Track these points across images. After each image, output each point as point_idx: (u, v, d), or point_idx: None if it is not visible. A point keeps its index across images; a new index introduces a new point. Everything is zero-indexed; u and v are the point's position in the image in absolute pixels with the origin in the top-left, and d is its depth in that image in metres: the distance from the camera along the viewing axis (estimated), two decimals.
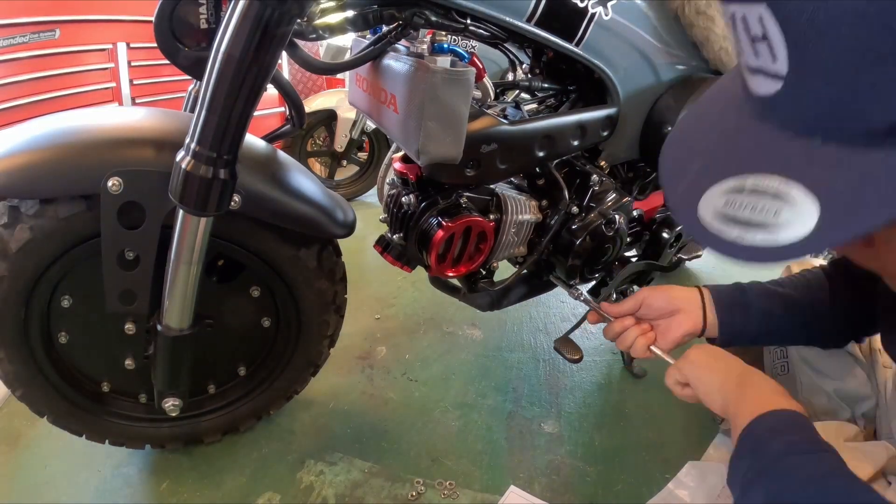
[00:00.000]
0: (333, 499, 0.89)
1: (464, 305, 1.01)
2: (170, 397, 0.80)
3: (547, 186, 0.89)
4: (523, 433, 1.06)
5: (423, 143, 0.68)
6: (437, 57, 0.67)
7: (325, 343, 0.95)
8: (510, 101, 0.94)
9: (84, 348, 0.82)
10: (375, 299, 1.52)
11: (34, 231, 0.69)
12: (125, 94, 1.83)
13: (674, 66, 0.90)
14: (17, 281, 0.72)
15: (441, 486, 0.92)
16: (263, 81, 0.60)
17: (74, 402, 0.84)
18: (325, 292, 0.88)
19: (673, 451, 1.01)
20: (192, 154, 0.61)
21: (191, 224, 0.66)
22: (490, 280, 0.96)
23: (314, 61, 0.78)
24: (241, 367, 0.93)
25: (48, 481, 0.89)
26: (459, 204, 0.81)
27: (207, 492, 0.88)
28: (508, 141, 0.78)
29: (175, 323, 0.74)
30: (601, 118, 0.86)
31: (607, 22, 0.77)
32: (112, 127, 0.71)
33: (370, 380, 1.18)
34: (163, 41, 0.70)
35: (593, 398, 1.18)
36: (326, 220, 0.81)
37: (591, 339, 1.37)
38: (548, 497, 0.91)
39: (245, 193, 0.72)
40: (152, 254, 0.71)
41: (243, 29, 0.56)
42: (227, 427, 0.96)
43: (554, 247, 0.91)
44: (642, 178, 1.00)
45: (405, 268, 0.90)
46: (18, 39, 1.53)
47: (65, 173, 0.66)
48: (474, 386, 1.18)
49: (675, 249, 1.14)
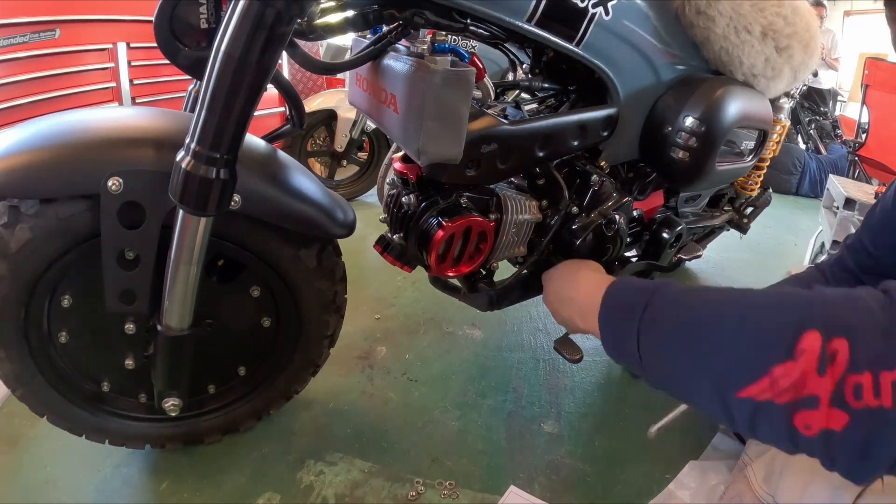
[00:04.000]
0: (333, 499, 0.89)
1: (464, 305, 1.01)
2: (170, 397, 0.80)
3: (547, 186, 0.89)
4: (523, 433, 1.06)
5: (424, 143, 0.68)
6: (438, 57, 0.67)
7: (325, 343, 0.95)
8: (510, 101, 0.94)
9: (84, 348, 0.82)
10: (375, 299, 1.52)
11: (34, 231, 0.69)
12: (125, 94, 1.83)
13: (674, 66, 0.90)
14: (17, 281, 0.72)
15: (441, 486, 0.92)
16: (263, 81, 0.60)
17: (74, 402, 0.84)
18: (325, 292, 0.88)
19: (673, 451, 1.01)
20: (192, 154, 0.61)
21: (191, 224, 0.66)
22: (490, 280, 0.96)
23: (314, 61, 0.78)
24: (241, 367, 0.93)
25: (48, 481, 0.89)
26: (459, 204, 0.81)
27: (207, 492, 0.88)
28: (508, 141, 0.78)
29: (175, 323, 0.73)
30: (601, 118, 0.86)
31: (607, 22, 0.77)
32: (112, 127, 0.71)
33: (370, 380, 1.18)
34: (163, 41, 0.70)
35: (593, 398, 1.18)
36: (326, 220, 0.81)
37: (591, 339, 1.35)
38: (548, 497, 0.91)
39: (245, 193, 0.72)
40: (152, 254, 0.72)
41: (243, 29, 0.56)
42: (226, 427, 0.96)
43: (554, 247, 0.91)
44: (642, 178, 1.00)
45: (405, 268, 0.90)
46: (18, 39, 1.52)
47: (65, 173, 0.66)
48: (474, 386, 1.18)
49: (675, 249, 1.14)
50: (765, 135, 1.05)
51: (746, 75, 0.95)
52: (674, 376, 0.52)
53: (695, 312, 0.51)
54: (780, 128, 1.23)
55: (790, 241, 2.38)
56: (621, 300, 0.60)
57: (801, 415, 0.41)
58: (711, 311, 0.49)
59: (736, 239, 1.95)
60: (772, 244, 2.29)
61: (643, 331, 0.54)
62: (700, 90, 0.88)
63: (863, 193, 1.80)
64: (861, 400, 0.39)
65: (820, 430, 0.41)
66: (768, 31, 0.92)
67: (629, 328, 0.56)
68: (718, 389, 0.46)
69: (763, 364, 0.43)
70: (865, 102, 2.87)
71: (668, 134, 0.89)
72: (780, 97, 1.19)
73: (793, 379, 0.41)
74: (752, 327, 0.45)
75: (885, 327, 0.40)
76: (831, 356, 0.40)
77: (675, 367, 0.51)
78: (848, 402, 0.39)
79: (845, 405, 0.39)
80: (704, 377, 0.48)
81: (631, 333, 0.55)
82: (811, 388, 0.41)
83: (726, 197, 1.42)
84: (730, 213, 1.43)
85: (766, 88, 0.99)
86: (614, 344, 0.59)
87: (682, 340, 0.50)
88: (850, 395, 0.39)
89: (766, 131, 1.05)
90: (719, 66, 0.94)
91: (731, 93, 0.89)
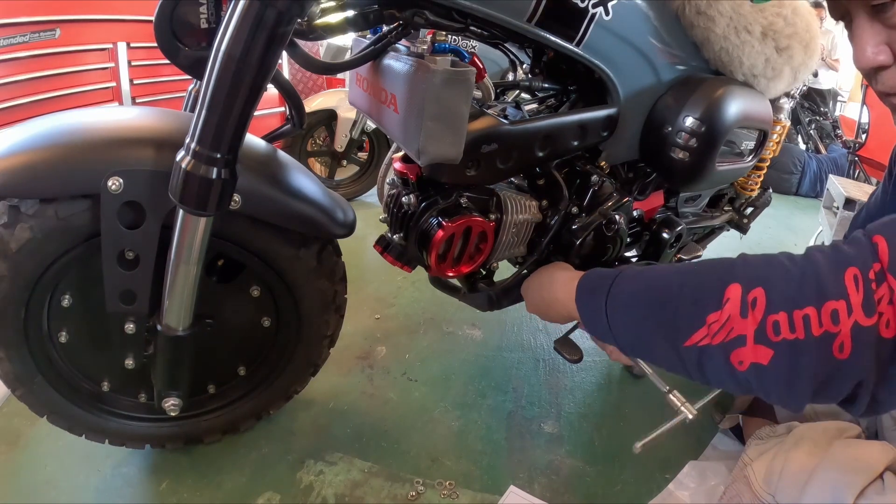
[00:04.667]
0: (333, 499, 0.89)
1: (464, 305, 1.01)
2: (169, 397, 0.80)
3: (547, 186, 0.89)
4: (523, 433, 1.06)
5: (424, 143, 0.68)
6: (438, 57, 0.67)
7: (325, 343, 0.95)
8: (510, 101, 0.94)
9: (84, 348, 0.82)
10: (375, 299, 1.52)
11: (34, 231, 0.69)
12: (125, 94, 1.83)
13: (674, 67, 0.90)
14: (17, 281, 0.72)
15: (441, 486, 0.92)
16: (263, 81, 0.60)
17: (74, 402, 0.84)
18: (325, 292, 0.88)
19: (673, 451, 1.01)
20: (193, 154, 0.60)
21: (191, 224, 0.66)
22: (490, 280, 0.96)
23: (314, 61, 0.77)
24: (240, 367, 0.93)
25: (48, 481, 0.89)
26: (459, 204, 0.81)
27: (207, 492, 0.88)
28: (509, 141, 0.78)
29: (175, 323, 0.73)
30: (601, 118, 0.86)
31: (608, 22, 0.77)
32: (112, 127, 0.71)
33: (370, 380, 1.18)
34: (163, 41, 0.70)
35: (593, 398, 1.18)
36: (326, 220, 0.81)
37: (590, 339, 1.36)
38: (548, 497, 0.91)
39: (245, 193, 0.72)
40: (152, 254, 0.71)
41: (243, 29, 0.56)
42: (226, 427, 0.96)
43: (554, 247, 0.91)
44: (642, 179, 1.00)
45: (405, 268, 0.90)
46: (18, 39, 1.53)
47: (65, 173, 0.66)
48: (474, 386, 1.18)
49: (675, 249, 1.14)
50: (765, 135, 1.05)
51: (746, 75, 0.95)
52: (637, 339, 0.61)
53: (648, 283, 0.61)
54: (780, 128, 1.22)
55: (790, 241, 2.38)
56: (592, 284, 0.69)
57: (734, 353, 0.50)
58: (661, 280, 0.59)
59: (736, 239, 1.95)
60: (772, 244, 2.29)
61: (610, 304, 0.63)
62: (700, 90, 0.87)
63: (863, 193, 1.80)
64: (779, 335, 0.47)
65: (750, 364, 0.49)
66: (768, 31, 0.92)
67: (599, 304, 0.65)
68: (671, 343, 0.55)
69: (700, 315, 0.52)
70: (865, 102, 2.87)
71: (668, 134, 0.89)
72: (780, 97, 1.19)
73: (722, 322, 0.50)
74: (690, 288, 0.55)
75: (795, 276, 0.48)
76: (752, 302, 0.49)
77: (638, 331, 0.60)
78: (769, 338, 0.48)
79: (767, 340, 0.48)
80: (659, 335, 0.57)
81: (601, 308, 0.64)
82: (738, 328, 0.49)
83: (726, 197, 1.41)
84: (730, 213, 1.43)
85: (767, 89, 0.99)
86: (590, 320, 0.67)
87: (640, 307, 0.60)
88: (770, 332, 0.48)
89: (766, 131, 1.04)
90: (719, 67, 0.94)
91: (731, 93, 0.89)
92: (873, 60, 0.55)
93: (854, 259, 0.46)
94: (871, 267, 0.45)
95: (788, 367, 0.47)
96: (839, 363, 0.46)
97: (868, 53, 0.54)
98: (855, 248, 0.48)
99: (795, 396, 0.49)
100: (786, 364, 0.47)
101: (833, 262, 0.48)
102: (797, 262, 0.50)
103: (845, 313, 0.45)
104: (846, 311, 0.45)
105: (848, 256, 0.47)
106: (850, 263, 0.46)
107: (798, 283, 0.48)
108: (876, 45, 0.54)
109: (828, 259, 0.48)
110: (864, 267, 0.46)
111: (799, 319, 0.46)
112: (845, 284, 0.45)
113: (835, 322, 0.45)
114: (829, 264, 0.48)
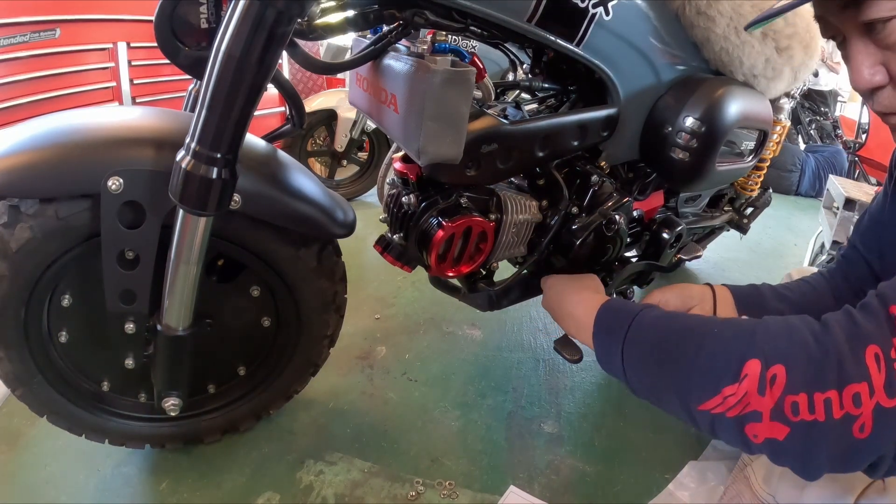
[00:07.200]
0: (333, 499, 0.89)
1: (464, 305, 1.01)
2: (169, 397, 0.80)
3: (547, 186, 0.89)
4: (523, 433, 1.06)
5: (424, 143, 0.68)
6: (438, 57, 0.67)
7: (325, 343, 0.95)
8: (510, 101, 0.94)
9: (84, 348, 0.82)
10: (375, 299, 1.52)
11: (34, 230, 0.69)
12: (125, 94, 1.83)
13: (674, 67, 0.90)
14: (17, 281, 0.71)
15: (441, 486, 0.92)
16: (263, 81, 0.60)
17: (74, 402, 0.84)
18: (325, 292, 0.88)
19: (673, 451, 1.01)
20: (193, 154, 0.61)
21: (191, 224, 0.66)
22: (490, 280, 0.96)
23: (314, 61, 0.78)
24: (240, 367, 0.93)
25: (48, 481, 0.89)
26: (459, 204, 0.81)
27: (207, 491, 0.88)
28: (509, 141, 0.78)
29: (175, 323, 0.73)
30: (601, 118, 0.86)
31: (608, 22, 0.77)
32: (112, 127, 0.71)
33: (370, 380, 1.18)
34: (163, 41, 0.70)
35: (593, 398, 1.18)
36: (326, 220, 0.81)
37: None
38: (548, 497, 0.91)
39: (245, 193, 0.72)
40: (152, 253, 0.71)
41: (243, 29, 0.56)
42: (226, 427, 0.96)
43: (554, 247, 0.91)
44: (642, 179, 1.00)
45: (405, 268, 0.90)
46: (18, 39, 1.52)
47: (65, 173, 0.66)
48: (474, 386, 1.18)
49: (675, 249, 1.13)
50: (765, 135, 1.05)
51: (747, 76, 0.95)
52: (650, 389, 0.61)
53: (665, 337, 0.60)
54: (780, 128, 1.23)
55: (790, 241, 2.38)
56: (609, 322, 0.68)
57: (749, 426, 0.49)
58: (678, 337, 0.58)
59: (736, 239, 1.95)
60: (772, 244, 2.29)
61: (626, 350, 0.63)
62: (700, 90, 0.88)
63: (863, 193, 1.79)
64: (798, 415, 0.46)
65: (765, 439, 0.49)
66: (768, 31, 0.92)
67: (615, 347, 0.64)
68: (683, 402, 0.55)
69: (715, 385, 0.51)
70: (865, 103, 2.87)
71: (668, 134, 0.89)
72: (780, 97, 1.19)
73: (739, 397, 0.49)
74: (707, 353, 0.54)
75: (816, 358, 0.47)
76: (770, 379, 0.48)
77: (651, 382, 0.60)
78: (787, 417, 0.47)
79: (785, 419, 0.47)
80: (672, 392, 0.57)
81: (617, 352, 0.64)
82: (754, 404, 0.49)
83: (726, 197, 1.41)
84: (730, 213, 1.43)
85: (767, 89, 0.99)
86: (604, 359, 0.67)
87: (655, 360, 0.59)
88: (788, 411, 0.47)
89: (766, 132, 1.04)
90: (719, 67, 0.94)
91: (731, 93, 0.89)
92: (870, 82, 0.54)
93: (874, 336, 0.46)
94: (892, 344, 0.45)
95: (805, 445, 0.47)
96: (859, 442, 0.45)
97: (865, 75, 0.54)
98: (874, 322, 0.47)
99: (811, 471, 0.49)
100: (802, 442, 0.47)
101: (853, 339, 0.47)
102: (819, 338, 0.48)
103: (867, 395, 0.44)
104: (868, 394, 0.44)
105: (868, 333, 0.47)
106: (871, 341, 0.46)
107: (819, 364, 0.47)
108: (871, 65, 0.54)
109: (847, 335, 0.47)
110: (885, 345, 0.45)
111: (820, 402, 0.46)
112: (867, 364, 0.45)
113: (857, 405, 0.44)
114: (850, 341, 0.47)
